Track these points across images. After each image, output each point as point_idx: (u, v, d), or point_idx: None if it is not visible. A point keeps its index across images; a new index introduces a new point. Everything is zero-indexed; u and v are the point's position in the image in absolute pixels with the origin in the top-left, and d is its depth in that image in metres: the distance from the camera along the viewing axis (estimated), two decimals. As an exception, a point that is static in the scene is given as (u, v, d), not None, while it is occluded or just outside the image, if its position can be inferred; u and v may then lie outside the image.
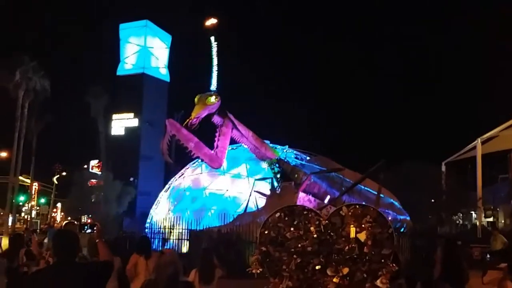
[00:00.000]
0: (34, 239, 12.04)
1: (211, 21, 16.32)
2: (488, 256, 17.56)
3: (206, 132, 16.50)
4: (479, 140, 26.58)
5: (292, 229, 5.81)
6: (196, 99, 15.56)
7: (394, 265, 5.68)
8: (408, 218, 20.59)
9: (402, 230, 19.38)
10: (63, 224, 16.22)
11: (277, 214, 5.93)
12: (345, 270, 5.68)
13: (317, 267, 5.73)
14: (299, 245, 5.76)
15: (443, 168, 28.78)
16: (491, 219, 34.81)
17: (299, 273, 5.76)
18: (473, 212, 32.35)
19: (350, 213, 5.78)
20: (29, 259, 9.74)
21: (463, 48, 73.16)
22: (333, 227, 5.79)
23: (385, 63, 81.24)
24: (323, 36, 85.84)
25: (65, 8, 77.60)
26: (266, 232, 5.89)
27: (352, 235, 5.68)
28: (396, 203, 20.38)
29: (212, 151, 15.58)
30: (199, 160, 19.40)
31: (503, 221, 34.47)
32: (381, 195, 17.01)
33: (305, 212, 5.90)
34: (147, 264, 7.74)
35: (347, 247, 5.70)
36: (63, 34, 71.09)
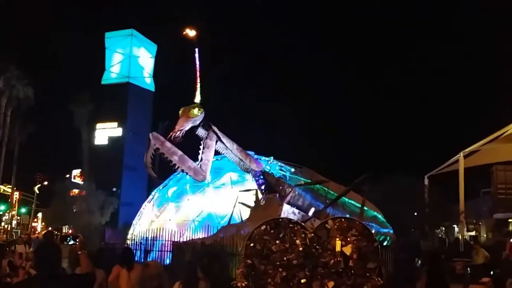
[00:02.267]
0: (17, 250, 11.90)
1: (191, 32, 16.18)
2: (469, 270, 17.66)
3: (190, 145, 16.40)
4: (461, 154, 26.82)
5: (277, 242, 5.78)
6: (180, 112, 15.49)
7: (379, 279, 5.68)
8: (391, 231, 20.62)
9: (385, 243, 19.40)
10: (43, 233, 16.01)
11: (263, 227, 5.90)
12: (331, 284, 5.66)
13: (302, 281, 5.71)
14: (285, 258, 5.73)
15: (426, 181, 28.95)
16: (473, 233, 35.07)
17: (284, 286, 5.73)
18: (455, 226, 32.56)
19: (336, 227, 5.77)
20: (12, 270, 9.62)
21: (446, 62, 74.09)
22: (319, 240, 5.77)
23: (369, 77, 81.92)
24: (312, 46, 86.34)
25: (49, 16, 77.12)
26: (251, 244, 5.85)
27: (338, 248, 5.67)
28: (380, 216, 20.40)
29: (197, 164, 15.48)
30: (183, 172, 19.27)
31: (485, 235, 34.72)
32: (365, 208, 17.06)
33: (291, 225, 5.88)
34: (130, 276, 7.63)
35: (332, 261, 5.69)
36: (47, 42, 70.57)
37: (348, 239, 5.74)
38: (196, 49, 16.00)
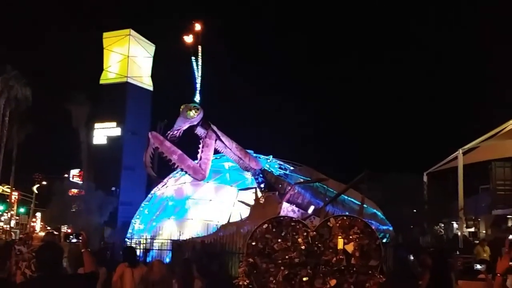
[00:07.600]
0: (22, 250, 11.86)
1: (190, 36, 16.10)
2: (460, 265, 17.66)
3: (189, 144, 16.41)
4: (460, 150, 26.87)
5: (279, 240, 5.79)
6: (181, 109, 15.50)
7: (381, 276, 5.70)
8: (390, 229, 20.70)
9: (384, 240, 19.45)
10: (44, 234, 16.01)
11: (265, 225, 5.91)
12: (333, 282, 5.68)
13: (304, 279, 5.71)
14: (287, 257, 5.74)
15: (425, 178, 29.01)
16: (472, 229, 35.18)
17: (286, 284, 5.74)
18: (454, 222, 32.63)
19: (337, 225, 5.78)
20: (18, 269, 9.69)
21: (444, 59, 74.16)
22: (321, 238, 5.78)
23: (368, 74, 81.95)
24: (309, 45, 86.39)
25: (47, 16, 77.08)
26: (253, 243, 5.85)
27: (340, 246, 5.69)
28: (379, 213, 20.48)
29: (196, 163, 15.49)
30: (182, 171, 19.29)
31: (484, 231, 34.82)
32: (364, 205, 17.11)
33: (292, 224, 5.89)
34: (133, 275, 7.65)
35: (334, 259, 5.70)
36: (45, 42, 70.47)
37: (350, 237, 5.74)
38: (192, 56, 15.95)
